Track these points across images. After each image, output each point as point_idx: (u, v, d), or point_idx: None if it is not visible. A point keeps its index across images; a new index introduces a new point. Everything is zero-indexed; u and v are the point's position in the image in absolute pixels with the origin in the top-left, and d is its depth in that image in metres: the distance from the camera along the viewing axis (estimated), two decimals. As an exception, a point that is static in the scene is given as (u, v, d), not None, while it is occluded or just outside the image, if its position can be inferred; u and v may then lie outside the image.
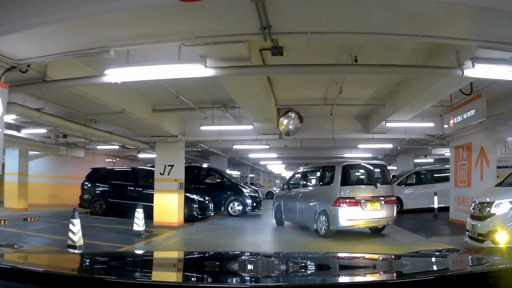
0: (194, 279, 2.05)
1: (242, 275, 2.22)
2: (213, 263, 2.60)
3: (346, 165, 12.02)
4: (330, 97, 11.59)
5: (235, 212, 18.30)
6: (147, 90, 11.05)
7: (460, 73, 6.65)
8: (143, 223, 11.56)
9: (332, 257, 3.14)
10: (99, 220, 15.44)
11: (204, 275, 2.21)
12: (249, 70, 6.59)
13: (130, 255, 3.52)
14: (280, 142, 17.89)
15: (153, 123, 12.71)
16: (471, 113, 8.78)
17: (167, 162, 15.02)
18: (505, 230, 7.44)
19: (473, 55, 6.51)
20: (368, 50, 7.51)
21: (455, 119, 9.66)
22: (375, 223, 11.79)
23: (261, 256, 2.98)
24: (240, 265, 2.51)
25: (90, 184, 18.39)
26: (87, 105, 10.14)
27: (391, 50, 7.58)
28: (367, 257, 2.97)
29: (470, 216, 8.58)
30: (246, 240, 12.42)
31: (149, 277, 2.15)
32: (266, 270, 2.43)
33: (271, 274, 2.29)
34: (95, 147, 20.29)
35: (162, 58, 6.82)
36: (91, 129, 13.39)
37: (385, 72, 6.72)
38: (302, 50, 7.74)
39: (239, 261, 2.69)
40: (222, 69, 6.59)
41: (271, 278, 2.14)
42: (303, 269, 2.41)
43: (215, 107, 12.37)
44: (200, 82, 9.79)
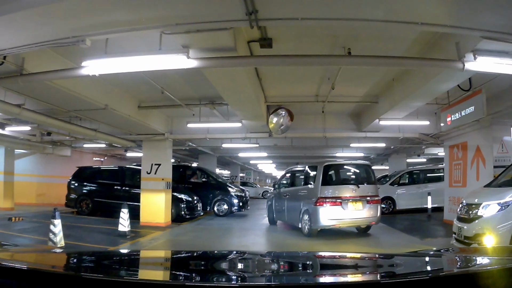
0: (182, 277, 2.06)
1: (229, 274, 2.22)
2: (200, 262, 2.61)
3: (327, 165, 12.07)
4: (322, 93, 11.20)
5: (222, 212, 18.06)
6: (131, 86, 10.71)
7: (460, 66, 6.25)
8: (128, 223, 11.27)
9: (321, 256, 3.13)
10: (84, 220, 15.18)
11: (193, 273, 2.23)
12: (234, 61, 6.10)
13: (119, 254, 3.52)
14: (270, 141, 17.64)
15: (138, 121, 12.37)
16: (470, 110, 8.39)
17: (154, 161, 14.72)
18: (493, 233, 7.17)
19: (475, 47, 6.11)
20: (363, 41, 7.08)
21: (452, 117, 9.28)
22: (357, 223, 11.75)
23: (248, 254, 3.05)
24: (227, 264, 2.51)
25: (77, 183, 18.10)
26: (67, 100, 9.72)
27: (387, 41, 7.16)
28: (356, 256, 3.03)
29: (457, 218, 8.28)
30: (235, 241, 12.09)
31: (137, 275, 2.18)
32: (254, 269, 2.43)
33: (259, 273, 2.28)
34: (81, 146, 20.07)
35: (143, 49, 6.44)
36: (75, 126, 13.05)
37: (381, 64, 6.25)
38: (292, 42, 7.33)
39: (226, 260, 2.68)
40: (206, 60, 6.12)
41: (259, 277, 2.13)
42: (291, 268, 2.44)
43: (203, 104, 12.01)
44: (186, 77, 9.63)
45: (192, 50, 6.13)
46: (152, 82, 9.67)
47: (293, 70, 9.31)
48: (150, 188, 14.56)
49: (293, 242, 11.35)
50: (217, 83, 8.50)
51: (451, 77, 7.63)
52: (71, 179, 18.31)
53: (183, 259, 2.67)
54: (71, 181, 18.22)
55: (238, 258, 2.70)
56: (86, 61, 6.63)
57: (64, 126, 12.72)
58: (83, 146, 20.09)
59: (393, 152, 22.54)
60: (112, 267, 2.32)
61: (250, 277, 2.11)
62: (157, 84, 9.92)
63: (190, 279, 1.97)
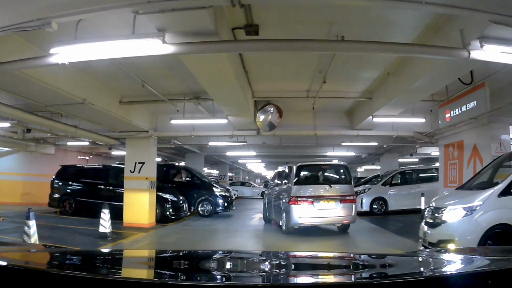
0: (167, 276, 2.04)
1: (214, 273, 2.23)
2: (185, 261, 2.60)
3: (300, 166, 12.43)
4: (313, 88, 10.63)
5: (207, 212, 17.66)
6: (111, 79, 10.19)
7: (465, 55, 5.66)
8: (109, 224, 10.85)
9: (311, 256, 3.10)
10: (67, 220, 14.76)
11: (178, 272, 2.23)
12: (215, 46, 5.43)
13: (104, 253, 3.47)
14: (258, 139, 17.20)
15: (120, 117, 11.83)
16: (472, 105, 7.82)
17: (138, 159, 14.25)
18: (455, 241, 6.65)
19: (482, 34, 5.55)
20: (359, 28, 6.48)
21: (452, 113, 8.72)
22: (330, 221, 11.97)
23: (234, 253, 3.06)
24: (213, 263, 2.49)
25: (60, 182, 17.67)
26: (42, 94, 9.13)
27: (386, 28, 6.57)
28: (345, 256, 3.10)
29: (424, 221, 7.83)
30: (222, 243, 11.59)
31: (120, 273, 2.16)
32: (242, 268, 2.42)
33: (245, 273, 2.27)
34: (65, 144, 19.67)
35: (116, 34, 5.83)
36: (54, 122, 12.56)
37: (378, 50, 5.60)
38: (281, 29, 6.72)
39: (212, 259, 2.63)
40: (184, 45, 5.46)
41: (246, 277, 2.13)
42: (278, 267, 2.41)
43: (187, 99, 11.45)
44: (167, 69, 9.14)
45: (168, 34, 5.49)
46: (132, 75, 9.16)
47: (282, 62, 8.80)
48: (133, 188, 14.08)
49: (271, 240, 11.73)
50: (199, 75, 7.90)
51: (452, 69, 7.05)
52: (54, 178, 17.89)
53: (168, 258, 2.70)
54: (54, 180, 17.79)
55: (224, 258, 2.68)
56: (54, 48, 6.03)
57: (43, 122, 12.22)
58: (66, 144, 19.68)
59: (385, 151, 22.15)
60: (96, 265, 2.28)
61: (236, 276, 2.10)
62: (138, 77, 9.42)
63: (175, 278, 1.96)
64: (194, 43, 5.46)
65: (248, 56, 8.35)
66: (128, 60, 8.38)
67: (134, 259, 2.69)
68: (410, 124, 13.36)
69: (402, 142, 17.50)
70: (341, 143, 17.70)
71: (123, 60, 8.33)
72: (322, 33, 6.75)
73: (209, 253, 3.09)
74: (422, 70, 7.67)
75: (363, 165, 34.18)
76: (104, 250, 6.75)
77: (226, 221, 16.64)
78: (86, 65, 8.63)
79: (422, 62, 7.58)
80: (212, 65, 7.05)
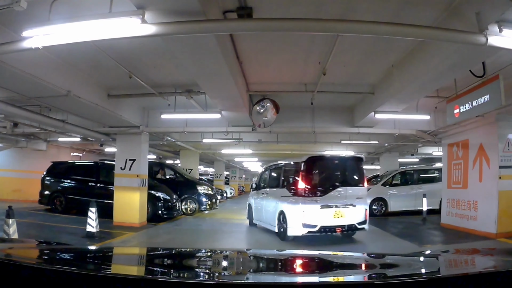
0: (158, 273, 2.09)
1: (205, 271, 2.24)
2: (177, 259, 2.65)
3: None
4: (312, 81, 10.00)
5: (191, 210, 17.42)
6: (97, 70, 9.72)
7: (482, 40, 5.06)
8: (96, 223, 10.52)
9: (300, 256, 3.06)
10: (56, 218, 14.36)
11: (169, 269, 2.29)
12: (201, 26, 4.77)
13: (97, 250, 3.31)
14: (254, 136, 16.79)
15: (108, 111, 11.34)
16: (485, 99, 7.16)
17: (129, 156, 13.79)
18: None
19: (501, 16, 4.96)
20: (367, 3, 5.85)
21: (461, 108, 8.06)
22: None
23: (225, 251, 3.04)
24: (203, 261, 2.51)
25: (51, 179, 17.35)
26: (24, 84, 8.54)
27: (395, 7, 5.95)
28: (348, 256, 3.12)
29: None
30: (216, 244, 11.02)
31: (109, 270, 2.16)
32: (233, 266, 2.42)
33: (238, 271, 2.30)
34: (57, 140, 19.16)
35: (92, 14, 5.25)
36: (40, 116, 12.03)
37: (387, 32, 4.95)
38: (278, 12, 6.06)
39: (202, 257, 2.66)
40: (166, 25, 4.82)
41: (238, 274, 2.16)
42: (274, 266, 2.44)
43: (178, 92, 10.89)
44: (156, 58, 8.68)
45: (149, 12, 4.88)
46: (119, 65, 8.64)
47: (279, 52, 8.21)
48: (124, 185, 13.63)
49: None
50: (188, 63, 7.29)
51: (465, 58, 6.43)
52: (44, 174, 17.58)
53: (159, 255, 2.71)
54: (44, 177, 17.47)
55: (215, 256, 2.68)
56: (27, 31, 5.53)
57: (28, 116, 11.67)
58: (58, 140, 19.20)
59: (385, 151, 21.63)
60: (87, 262, 2.31)
61: (227, 274, 2.13)
62: (125, 68, 8.87)
63: (167, 275, 2.03)
64: (178, 23, 4.82)
65: (242, 44, 7.75)
66: (113, 50, 7.97)
67: (125, 256, 2.73)
68: (413, 122, 12.80)
69: (404, 141, 16.92)
70: (340, 141, 17.06)
71: (109, 50, 7.91)
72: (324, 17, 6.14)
73: (200, 251, 3.09)
74: (431, 61, 7.06)
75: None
76: (95, 247, 6.47)
77: (220, 221, 16.15)
78: (70, 55, 8.32)
79: (431, 52, 7.00)
80: (202, 52, 6.43)
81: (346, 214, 10.09)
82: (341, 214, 10.05)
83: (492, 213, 10.68)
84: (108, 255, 2.69)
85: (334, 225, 10.03)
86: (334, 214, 9.99)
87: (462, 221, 12.20)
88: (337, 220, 10.02)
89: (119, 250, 3.66)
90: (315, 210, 9.88)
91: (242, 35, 7.21)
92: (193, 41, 5.81)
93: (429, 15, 6.08)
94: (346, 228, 10.24)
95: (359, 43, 7.56)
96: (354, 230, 10.57)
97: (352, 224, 10.22)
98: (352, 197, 10.38)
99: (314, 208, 9.88)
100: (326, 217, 9.92)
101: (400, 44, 7.60)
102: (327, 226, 9.97)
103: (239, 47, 7.89)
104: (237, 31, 5.58)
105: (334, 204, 10.05)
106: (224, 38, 6.73)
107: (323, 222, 9.88)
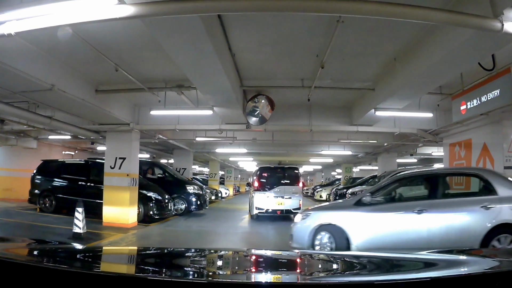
0: (149, 272, 2.11)
1: (197, 269, 2.25)
2: (170, 258, 2.63)
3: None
4: (308, 76, 9.52)
5: (180, 210, 17.04)
6: (82, 63, 9.25)
7: (498, 26, 4.59)
8: (83, 224, 10.16)
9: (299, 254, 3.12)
10: (45, 218, 14.04)
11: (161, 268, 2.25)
12: (186, 6, 4.21)
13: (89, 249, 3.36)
14: (249, 135, 16.45)
15: (96, 107, 10.92)
16: (495, 94, 6.70)
17: (119, 154, 13.40)
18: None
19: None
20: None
21: (468, 104, 7.59)
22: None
23: (219, 251, 3.04)
24: (195, 260, 2.52)
25: (41, 178, 17.04)
26: (5, 78, 8.19)
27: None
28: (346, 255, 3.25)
29: None
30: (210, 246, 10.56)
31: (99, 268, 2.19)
32: (229, 266, 2.45)
33: (234, 270, 2.34)
34: (47, 137, 18.83)
35: None
36: (26, 112, 11.54)
37: (393, 14, 4.41)
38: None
39: (194, 256, 2.67)
40: (145, 5, 4.30)
41: (235, 274, 2.18)
42: (270, 265, 2.44)
43: (168, 87, 10.39)
44: (144, 50, 8.22)
45: (127, -9, 4.36)
46: (105, 57, 8.16)
47: (274, 43, 7.67)
48: (113, 185, 13.27)
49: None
50: (174, 52, 6.75)
51: (476, 47, 5.93)
52: (34, 173, 17.31)
53: (152, 255, 2.73)
54: (34, 176, 17.20)
55: (208, 255, 2.70)
56: None
57: (14, 112, 11.31)
58: (48, 138, 18.86)
59: (383, 151, 21.22)
60: (78, 260, 2.27)
61: (220, 274, 2.18)
62: (110, 60, 8.40)
63: (160, 274, 2.01)
64: (159, 3, 4.29)
65: (234, 33, 7.21)
66: (98, 41, 7.53)
67: (116, 256, 2.69)
68: (414, 121, 12.40)
69: (404, 140, 16.47)
70: (338, 140, 16.62)
71: (93, 41, 7.44)
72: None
73: (192, 251, 3.06)
74: (437, 53, 6.54)
75: (358, 165, 33.30)
76: (86, 246, 6.41)
77: (214, 221, 15.83)
78: (53, 47, 7.89)
79: (437, 43, 6.49)
80: (189, 40, 5.93)
81: (285, 203, 15.83)
82: (282, 202, 15.83)
83: (497, 216, 10.20)
84: (106, 254, 2.72)
85: (276, 209, 15.83)
86: (276, 202, 15.83)
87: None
88: (279, 206, 15.82)
89: (115, 250, 3.76)
90: (264, 199, 15.92)
91: (233, 23, 6.71)
92: (178, 26, 5.31)
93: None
94: (284, 212, 15.83)
95: (359, 33, 7.06)
96: (290, 213, 15.57)
97: (289, 209, 15.77)
98: (289, 192, 15.99)
99: (263, 198, 15.95)
100: (271, 204, 15.84)
101: (403, 34, 7.12)
102: (272, 209, 15.82)
103: (230, 37, 7.36)
104: (226, 11, 5.04)
105: (277, 196, 15.88)
106: (214, 24, 6.23)
107: (269, 207, 15.82)
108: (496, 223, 6.51)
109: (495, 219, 6.53)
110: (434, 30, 6.49)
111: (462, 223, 6.81)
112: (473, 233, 6.61)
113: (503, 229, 6.49)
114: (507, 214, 6.54)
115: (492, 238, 6.54)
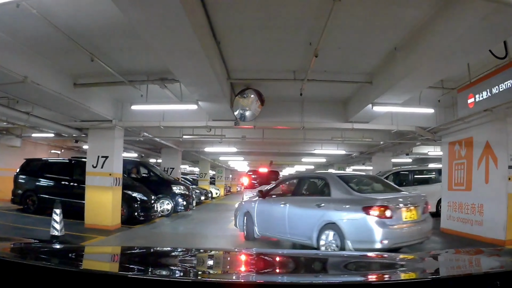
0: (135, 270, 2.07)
1: (183, 268, 2.24)
2: (158, 257, 2.62)
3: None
4: (301, 68, 8.83)
5: (166, 211, 16.68)
6: (57, 54, 8.62)
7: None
8: (61, 226, 9.68)
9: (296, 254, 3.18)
10: (26, 219, 13.61)
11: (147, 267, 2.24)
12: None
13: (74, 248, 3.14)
14: (238, 132, 15.79)
15: (75, 101, 10.30)
16: (507, 85, 6.01)
17: (101, 153, 12.82)
18: None
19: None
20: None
21: (477, 97, 6.91)
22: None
23: (203, 250, 3.03)
24: (180, 260, 2.52)
25: (24, 177, 16.70)
26: None
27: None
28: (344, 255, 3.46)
29: None
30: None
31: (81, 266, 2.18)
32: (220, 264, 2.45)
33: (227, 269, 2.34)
34: (30, 135, 18.27)
35: None
36: (2, 107, 10.84)
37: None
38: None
39: (180, 256, 2.66)
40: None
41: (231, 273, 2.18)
42: (266, 265, 2.44)
43: (150, 80, 9.78)
44: (121, 39, 7.63)
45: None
46: (79, 46, 7.58)
47: (262, 27, 7.00)
48: (96, 185, 12.72)
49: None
50: (150, 38, 6.06)
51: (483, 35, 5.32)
52: (17, 172, 16.93)
53: (143, 254, 2.69)
54: (18, 175, 16.83)
55: (193, 254, 2.69)
56: None
57: None
58: (31, 136, 18.30)
59: (378, 150, 20.71)
60: (61, 258, 2.26)
61: (207, 273, 2.17)
62: (86, 49, 7.77)
63: (148, 273, 1.98)
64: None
65: (217, 16, 6.52)
66: (71, 28, 6.95)
67: (103, 255, 2.67)
68: (412, 118, 11.92)
69: (401, 138, 15.96)
70: (332, 138, 15.98)
71: (66, 28, 6.86)
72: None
73: (179, 250, 3.01)
74: (443, 40, 5.92)
75: (351, 165, 32.86)
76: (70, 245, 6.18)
77: (202, 224, 15.35)
78: (26, 35, 7.38)
79: (444, 28, 5.85)
80: (165, 22, 5.26)
81: None
82: None
83: (501, 217, 9.70)
84: (92, 252, 2.71)
85: None
86: None
87: (465, 226, 11.20)
88: None
89: (101, 249, 3.81)
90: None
91: (216, 3, 6.01)
92: (154, 8, 4.59)
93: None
94: None
95: (358, 15, 6.40)
96: None
97: None
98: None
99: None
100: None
101: (407, 19, 6.45)
102: None
103: (214, 20, 6.66)
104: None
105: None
106: (194, 5, 5.52)
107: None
108: (324, 221, 7.94)
109: (323, 217, 7.97)
110: (441, 13, 5.85)
111: (305, 217, 8.57)
112: (312, 226, 8.15)
113: (330, 225, 7.79)
114: (331, 213, 7.87)
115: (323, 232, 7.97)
